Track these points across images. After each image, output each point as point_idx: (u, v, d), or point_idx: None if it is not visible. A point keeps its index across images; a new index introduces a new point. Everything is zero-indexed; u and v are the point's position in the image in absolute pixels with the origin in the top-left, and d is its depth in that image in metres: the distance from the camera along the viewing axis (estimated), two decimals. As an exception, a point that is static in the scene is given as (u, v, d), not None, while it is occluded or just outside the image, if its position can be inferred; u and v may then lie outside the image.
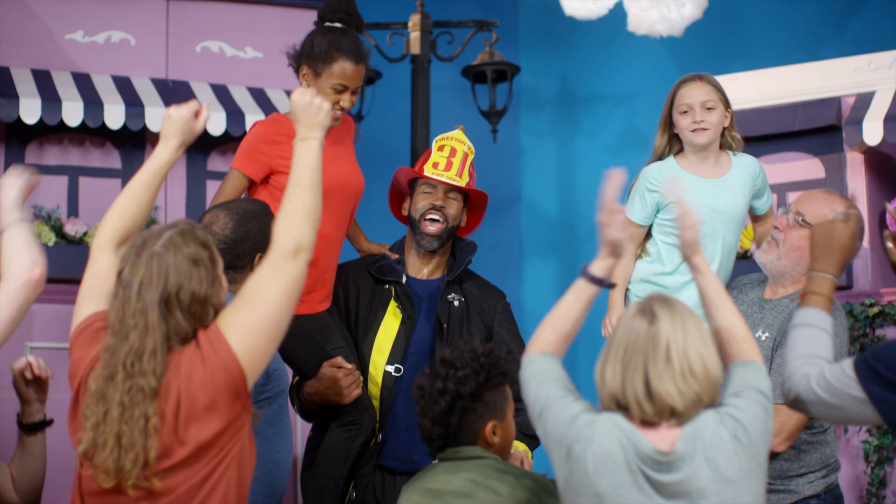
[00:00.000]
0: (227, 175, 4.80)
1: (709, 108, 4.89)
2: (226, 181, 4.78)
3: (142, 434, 3.30)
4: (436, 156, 5.06)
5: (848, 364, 3.45)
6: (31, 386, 4.30)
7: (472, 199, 5.14)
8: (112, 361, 3.36)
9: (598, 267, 3.47)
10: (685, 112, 4.90)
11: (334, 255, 4.93)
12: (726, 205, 4.87)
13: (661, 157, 5.05)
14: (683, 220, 3.50)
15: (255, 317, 3.39)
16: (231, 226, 4.28)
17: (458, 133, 5.13)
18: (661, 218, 5.00)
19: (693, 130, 4.90)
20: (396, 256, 5.08)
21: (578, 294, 3.47)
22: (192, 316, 3.40)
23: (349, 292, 5.04)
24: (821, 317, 3.64)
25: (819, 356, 3.56)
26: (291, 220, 3.50)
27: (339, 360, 4.69)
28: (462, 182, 5.00)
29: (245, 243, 4.26)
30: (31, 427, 4.31)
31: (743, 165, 4.97)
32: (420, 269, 5.07)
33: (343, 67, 4.82)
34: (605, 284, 3.48)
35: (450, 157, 5.04)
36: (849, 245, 3.78)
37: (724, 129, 4.99)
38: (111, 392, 3.33)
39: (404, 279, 5.01)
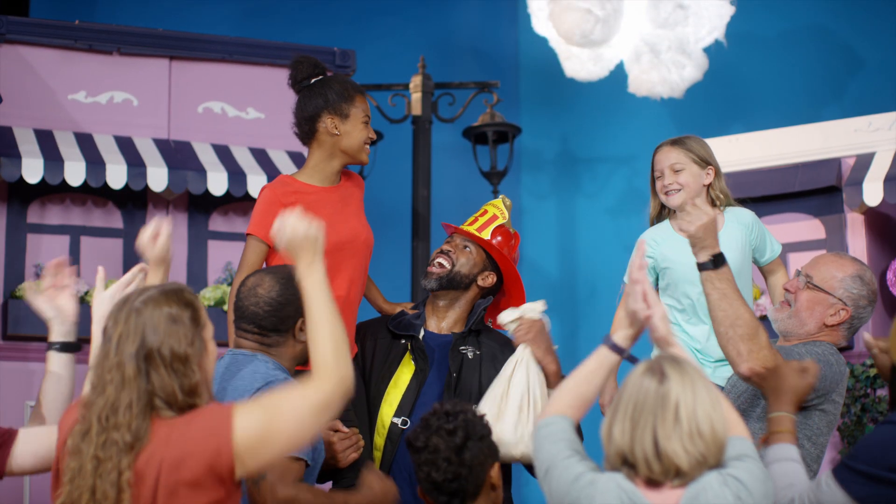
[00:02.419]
0: (246, 244, 4.87)
1: (677, 171, 4.99)
2: (246, 250, 4.85)
3: (114, 487, 3.27)
4: (472, 215, 5.16)
5: (826, 475, 3.54)
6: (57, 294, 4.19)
7: (506, 277, 5.16)
8: (88, 416, 3.35)
9: (620, 336, 3.49)
10: (658, 177, 5.03)
11: (350, 311, 4.97)
12: None
13: (657, 219, 5.14)
14: (652, 320, 3.49)
15: (274, 432, 3.33)
16: (277, 289, 4.29)
17: (498, 199, 5.24)
18: (661, 282, 5.04)
19: (666, 193, 5.02)
20: (416, 311, 5.12)
21: (599, 362, 3.48)
22: (175, 373, 3.38)
23: (365, 347, 5.08)
24: (788, 450, 3.78)
25: (794, 484, 3.66)
26: (332, 359, 3.42)
27: (336, 423, 4.69)
28: (477, 234, 5.04)
29: (290, 307, 4.27)
30: (61, 347, 4.15)
31: (736, 221, 5.01)
32: (438, 323, 5.10)
33: (363, 101, 5.01)
34: (625, 356, 3.49)
35: (479, 215, 5.13)
36: (799, 389, 3.92)
37: (709, 186, 5.04)
38: (86, 446, 3.32)
39: (422, 334, 5.03)
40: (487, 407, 4.71)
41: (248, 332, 4.29)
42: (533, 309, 4.90)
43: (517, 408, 4.71)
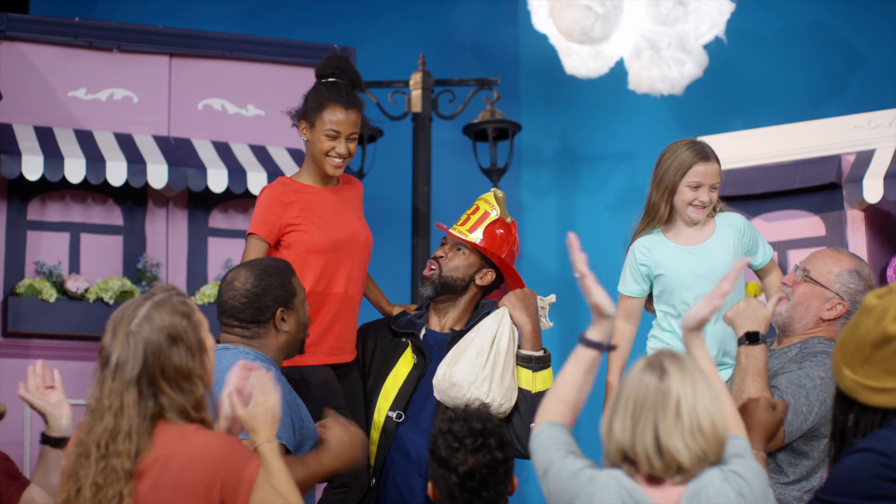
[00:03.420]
0: (247, 243, 4.91)
1: (715, 188, 4.91)
2: (247, 249, 4.91)
3: None
4: (465, 213, 5.16)
5: None
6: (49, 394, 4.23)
7: (503, 273, 5.18)
8: (86, 440, 3.34)
9: (592, 331, 3.47)
10: (695, 187, 4.89)
11: (348, 310, 5.01)
12: (710, 267, 4.87)
13: (655, 221, 5.04)
14: (710, 299, 3.48)
15: None
16: (252, 280, 4.35)
17: (489, 193, 5.23)
18: (655, 289, 5.03)
19: (693, 205, 4.90)
20: (417, 311, 5.15)
21: (577, 361, 3.47)
22: (181, 390, 3.38)
23: (367, 345, 5.13)
24: None
25: None
26: None
27: (328, 420, 4.70)
28: (467, 236, 5.05)
29: (266, 297, 4.33)
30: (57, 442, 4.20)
31: (727, 225, 4.97)
32: (440, 323, 5.12)
33: (332, 114, 4.98)
34: (602, 347, 3.48)
35: (471, 213, 5.13)
36: (768, 426, 3.94)
37: None
38: (83, 471, 3.31)
39: (423, 332, 5.05)
40: (451, 352, 4.78)
41: (229, 327, 4.35)
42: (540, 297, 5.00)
43: (475, 353, 4.78)
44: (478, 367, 4.75)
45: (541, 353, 4.94)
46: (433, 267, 5.09)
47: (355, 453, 4.33)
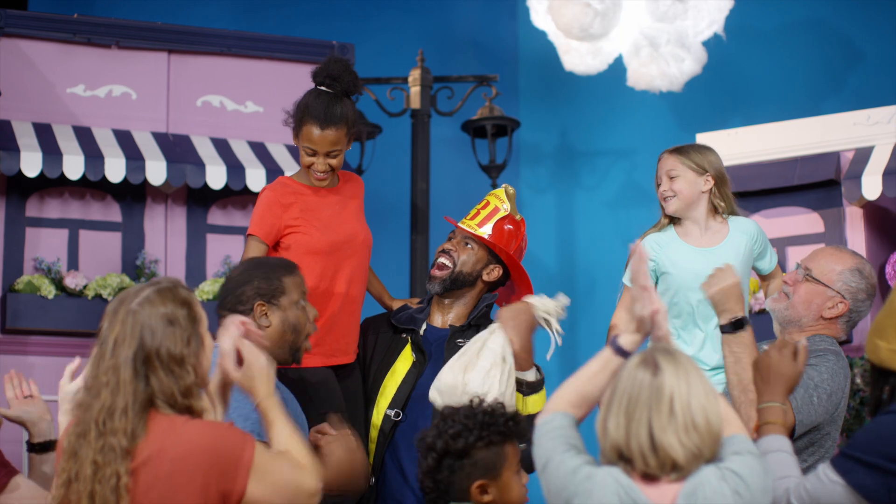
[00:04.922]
0: (247, 244, 4.89)
1: (672, 177, 4.96)
2: (246, 250, 4.89)
3: (113, 493, 3.28)
4: (474, 207, 5.12)
5: (825, 466, 3.51)
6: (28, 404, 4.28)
7: (511, 269, 5.16)
8: (85, 419, 3.35)
9: (627, 340, 3.45)
10: (658, 184, 5.01)
11: (349, 311, 4.98)
12: None
13: (658, 225, 5.09)
14: (657, 317, 3.48)
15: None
16: (240, 269, 4.36)
17: (499, 190, 5.18)
18: (659, 287, 5.03)
19: (663, 199, 4.99)
20: (419, 306, 5.12)
21: (605, 364, 3.45)
22: (172, 375, 3.39)
23: (367, 341, 5.09)
24: (780, 441, 3.75)
25: (788, 476, 3.64)
26: (308, 462, 3.54)
27: (323, 426, 4.69)
28: (476, 230, 5.02)
29: (247, 287, 4.29)
30: (42, 447, 4.27)
31: (741, 231, 4.98)
32: (442, 318, 5.09)
33: (309, 132, 4.89)
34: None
35: (481, 208, 5.10)
36: (787, 372, 3.87)
37: (711, 194, 5.00)
38: (83, 450, 3.32)
39: (424, 328, 5.03)
40: (458, 359, 4.69)
41: (220, 317, 4.29)
42: (544, 302, 4.90)
43: (489, 364, 4.65)
44: (493, 379, 4.66)
45: (532, 376, 4.84)
46: (447, 263, 5.04)
47: (353, 477, 4.31)
